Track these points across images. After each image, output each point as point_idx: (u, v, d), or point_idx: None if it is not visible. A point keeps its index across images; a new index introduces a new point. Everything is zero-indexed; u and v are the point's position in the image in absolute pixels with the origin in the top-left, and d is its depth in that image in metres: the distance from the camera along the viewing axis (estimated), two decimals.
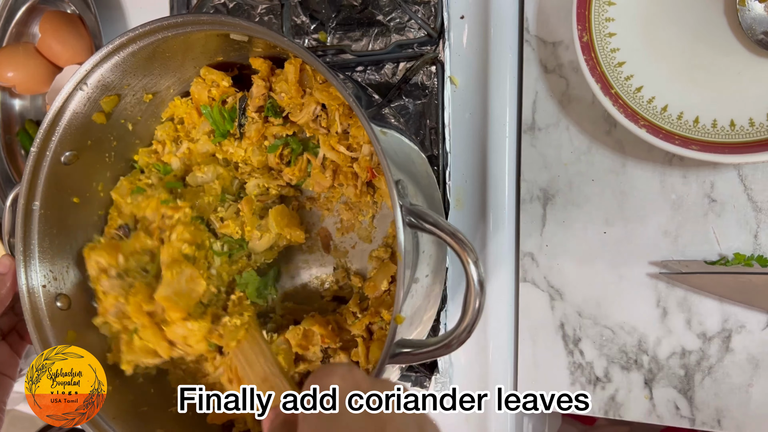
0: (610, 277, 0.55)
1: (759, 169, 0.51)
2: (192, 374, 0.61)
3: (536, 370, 0.59)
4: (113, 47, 0.53)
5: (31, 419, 0.99)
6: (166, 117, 0.62)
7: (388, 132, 0.51)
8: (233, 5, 0.67)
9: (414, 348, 0.44)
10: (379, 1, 0.61)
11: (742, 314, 0.52)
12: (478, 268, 0.41)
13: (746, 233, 0.51)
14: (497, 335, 0.59)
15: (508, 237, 0.58)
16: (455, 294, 0.60)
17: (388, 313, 0.53)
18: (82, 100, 0.56)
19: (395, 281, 0.53)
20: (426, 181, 0.53)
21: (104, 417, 0.54)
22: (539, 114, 0.58)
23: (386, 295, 0.55)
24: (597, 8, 0.51)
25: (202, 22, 0.50)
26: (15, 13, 0.80)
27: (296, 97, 0.55)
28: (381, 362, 0.43)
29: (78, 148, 0.58)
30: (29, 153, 0.55)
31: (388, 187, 0.42)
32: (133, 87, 0.58)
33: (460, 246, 0.41)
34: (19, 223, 0.56)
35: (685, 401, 0.54)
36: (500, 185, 0.58)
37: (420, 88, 0.60)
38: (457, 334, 0.42)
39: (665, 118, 0.49)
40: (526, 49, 0.58)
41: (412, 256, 0.46)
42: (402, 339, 0.44)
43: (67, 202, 0.59)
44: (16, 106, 0.84)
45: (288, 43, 0.46)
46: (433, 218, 0.42)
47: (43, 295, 0.57)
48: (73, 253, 0.60)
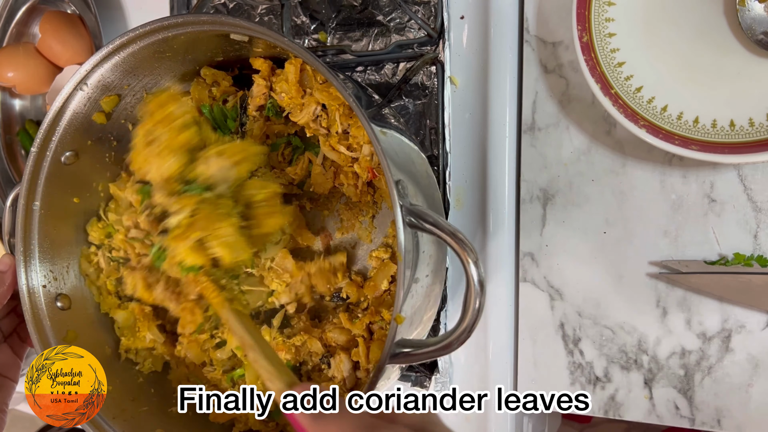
0: (610, 277, 0.55)
1: (759, 169, 0.51)
2: (194, 373, 0.61)
3: (536, 370, 0.59)
4: (113, 47, 0.53)
5: (31, 419, 0.99)
6: None
7: (388, 132, 0.51)
8: (233, 5, 0.67)
9: (414, 348, 0.44)
10: (379, 1, 0.61)
11: (742, 314, 0.52)
12: (478, 268, 0.41)
13: (746, 233, 0.51)
14: (497, 335, 0.59)
15: (508, 237, 0.58)
16: (455, 294, 0.60)
17: (388, 313, 0.53)
18: (82, 100, 0.56)
19: (395, 281, 0.53)
20: (426, 181, 0.53)
21: (104, 417, 0.54)
22: (539, 114, 0.58)
23: (386, 295, 0.55)
24: (597, 8, 0.51)
25: (203, 23, 0.50)
26: (15, 13, 0.80)
27: (296, 98, 0.55)
28: (381, 362, 0.43)
29: (78, 148, 0.58)
30: (29, 153, 0.56)
31: (388, 187, 0.42)
32: (133, 87, 0.58)
33: (460, 246, 0.41)
34: (20, 223, 0.56)
35: (685, 401, 0.54)
36: (500, 185, 0.58)
37: (420, 88, 0.60)
38: (458, 334, 0.42)
39: (665, 118, 0.49)
40: (526, 49, 0.58)
41: (413, 256, 0.46)
42: (402, 339, 0.44)
43: (67, 202, 0.59)
44: (16, 106, 0.84)
45: (288, 43, 0.46)
46: (433, 218, 0.42)
47: (44, 295, 0.57)
48: (73, 252, 0.60)
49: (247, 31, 0.50)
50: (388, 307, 0.53)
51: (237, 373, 0.59)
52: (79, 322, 0.59)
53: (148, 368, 0.61)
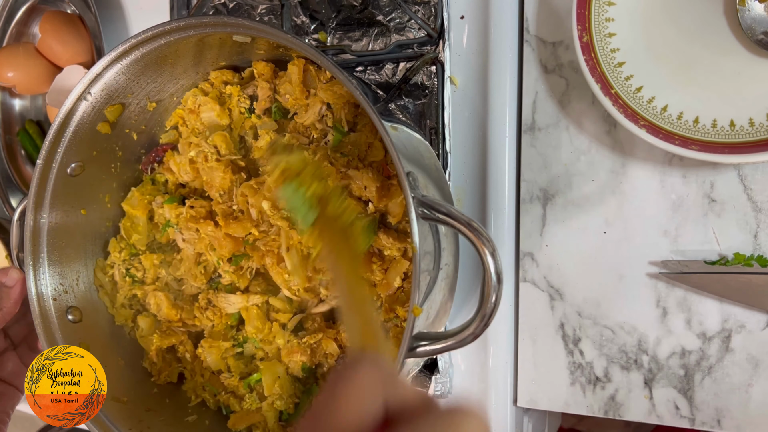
0: (610, 277, 0.56)
1: (759, 169, 0.51)
2: (210, 381, 0.61)
3: (536, 370, 0.59)
4: (116, 54, 0.52)
5: (31, 419, 0.99)
6: (170, 125, 0.62)
7: (398, 127, 0.50)
8: (233, 5, 0.67)
9: (432, 341, 0.43)
10: (379, 1, 0.61)
11: (742, 314, 0.52)
12: (495, 259, 0.39)
13: (746, 233, 0.51)
14: (497, 335, 0.59)
15: (508, 237, 0.58)
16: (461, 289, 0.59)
17: (403, 310, 0.52)
18: (86, 109, 0.55)
19: (408, 278, 0.53)
20: (436, 174, 0.53)
21: (121, 429, 0.54)
22: (539, 114, 0.58)
23: (400, 292, 0.54)
24: (597, 8, 0.51)
25: (204, 25, 0.50)
26: (15, 13, 0.80)
27: (301, 98, 0.55)
28: (401, 355, 0.42)
29: (84, 159, 0.58)
30: (35, 165, 0.55)
31: (399, 180, 0.41)
32: (136, 95, 0.57)
33: (476, 236, 0.40)
34: (28, 237, 0.55)
35: (685, 401, 0.54)
36: (500, 185, 0.58)
37: (420, 88, 0.60)
38: (474, 327, 0.41)
39: (665, 118, 0.49)
40: (526, 49, 0.58)
41: (432, 248, 0.45)
42: (420, 332, 0.43)
43: (74, 214, 0.59)
44: (16, 106, 0.84)
45: (293, 40, 0.45)
46: (446, 208, 0.41)
47: (54, 309, 0.56)
48: (82, 265, 0.60)
49: (250, 30, 0.50)
50: (402, 304, 0.52)
51: (254, 378, 0.58)
52: (91, 334, 0.59)
53: (164, 379, 0.61)
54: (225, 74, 0.59)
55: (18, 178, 0.82)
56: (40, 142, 0.80)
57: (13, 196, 0.81)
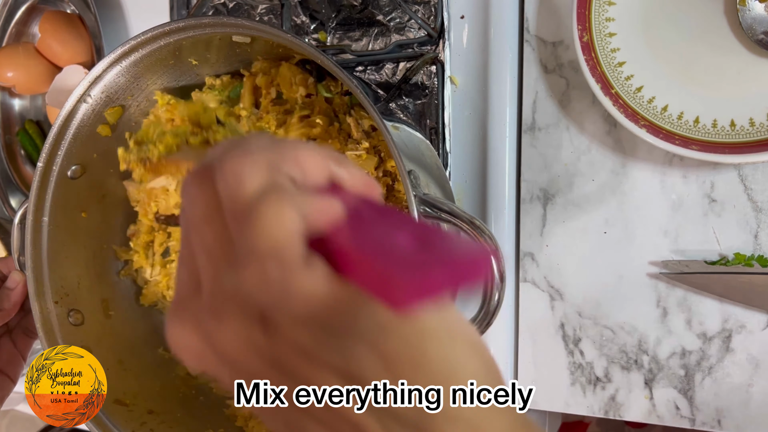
0: (610, 277, 0.55)
1: (759, 169, 0.51)
2: None
3: (536, 370, 0.59)
4: (116, 56, 0.52)
5: (31, 419, 0.99)
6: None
7: (400, 127, 0.50)
8: (233, 5, 0.67)
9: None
10: (379, 1, 0.61)
11: (742, 314, 0.52)
12: (498, 258, 0.39)
13: (746, 233, 0.51)
14: (497, 335, 0.59)
15: (508, 237, 0.58)
16: None
17: None
18: (86, 112, 0.55)
19: None
20: (437, 173, 0.52)
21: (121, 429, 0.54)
22: (539, 114, 0.58)
23: None
24: (597, 8, 0.51)
25: (204, 25, 0.50)
26: (15, 13, 0.80)
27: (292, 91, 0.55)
28: None
29: (84, 161, 0.57)
30: (36, 168, 0.55)
31: (401, 178, 0.41)
32: (136, 97, 0.57)
33: (479, 234, 0.39)
34: (29, 240, 0.55)
35: (685, 401, 0.54)
36: (500, 185, 0.58)
37: (420, 88, 0.60)
38: (476, 325, 0.41)
39: (665, 118, 0.49)
40: (526, 49, 0.58)
41: None
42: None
43: (75, 217, 0.59)
44: (15, 106, 0.84)
45: (293, 40, 0.45)
46: (448, 206, 0.40)
47: (56, 311, 0.56)
48: (83, 267, 0.60)
49: (250, 30, 0.50)
50: None
51: None
52: (94, 336, 0.59)
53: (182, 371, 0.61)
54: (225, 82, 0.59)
55: (17, 178, 0.82)
56: (40, 142, 0.80)
57: (13, 196, 0.81)
